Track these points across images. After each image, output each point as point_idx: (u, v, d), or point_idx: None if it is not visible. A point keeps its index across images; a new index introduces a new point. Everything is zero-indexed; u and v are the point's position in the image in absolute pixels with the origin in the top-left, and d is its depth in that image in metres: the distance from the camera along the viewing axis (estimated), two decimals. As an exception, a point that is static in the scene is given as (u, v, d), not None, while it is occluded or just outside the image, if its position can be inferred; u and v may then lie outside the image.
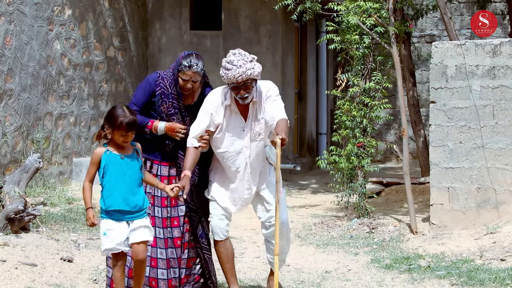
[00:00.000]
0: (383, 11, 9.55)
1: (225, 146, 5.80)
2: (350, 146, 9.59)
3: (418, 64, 17.55)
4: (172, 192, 5.48)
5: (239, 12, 13.92)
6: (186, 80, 5.80)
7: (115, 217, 5.18)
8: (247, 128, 5.80)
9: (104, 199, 5.19)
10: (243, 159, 5.82)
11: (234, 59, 5.63)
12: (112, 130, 5.18)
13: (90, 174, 5.23)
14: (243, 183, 5.87)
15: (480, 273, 6.88)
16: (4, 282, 6.28)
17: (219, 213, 5.88)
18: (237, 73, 5.58)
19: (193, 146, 5.74)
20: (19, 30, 10.26)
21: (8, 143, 10.02)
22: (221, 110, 5.76)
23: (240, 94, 5.65)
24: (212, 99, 5.80)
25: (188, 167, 5.67)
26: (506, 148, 8.41)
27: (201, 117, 5.78)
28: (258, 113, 5.79)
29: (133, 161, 5.25)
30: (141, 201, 5.26)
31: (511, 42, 8.48)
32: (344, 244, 8.53)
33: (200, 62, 5.81)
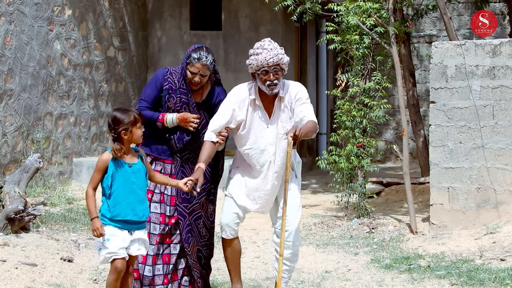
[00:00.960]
0: (383, 11, 9.56)
1: (249, 143, 5.69)
2: (350, 146, 9.59)
3: (418, 64, 17.55)
4: (186, 186, 5.34)
5: (239, 12, 13.93)
6: (194, 73, 5.70)
7: (119, 225, 5.06)
8: (271, 124, 5.68)
9: (110, 208, 5.04)
10: (267, 157, 5.70)
11: (264, 44, 5.57)
12: (130, 130, 5.03)
13: (94, 181, 5.06)
14: (265, 182, 5.74)
15: (480, 273, 6.89)
16: (4, 282, 6.28)
17: (232, 211, 5.76)
18: (268, 55, 5.50)
19: (211, 140, 5.60)
20: (19, 30, 10.27)
21: (8, 143, 10.03)
22: (244, 106, 5.64)
23: (270, 79, 5.54)
24: (236, 94, 5.69)
25: (203, 160, 5.53)
26: (506, 148, 8.41)
27: (222, 111, 5.65)
28: (284, 111, 5.67)
29: (139, 169, 5.12)
30: (147, 210, 5.18)
31: (511, 42, 8.48)
32: (344, 244, 8.53)
33: (210, 55, 5.71)
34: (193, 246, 5.86)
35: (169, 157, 5.84)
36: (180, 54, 13.93)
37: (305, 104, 5.66)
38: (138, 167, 5.10)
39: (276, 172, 5.72)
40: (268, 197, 5.78)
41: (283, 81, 5.68)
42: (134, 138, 5.06)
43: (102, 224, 4.98)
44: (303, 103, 5.66)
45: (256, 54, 5.55)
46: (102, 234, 4.96)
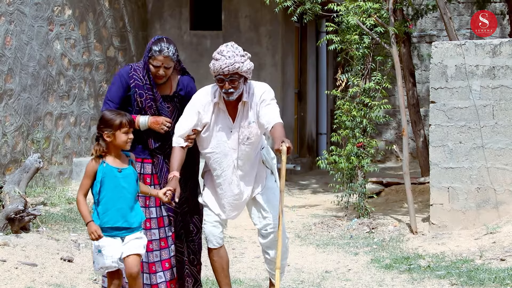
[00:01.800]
0: (383, 11, 9.56)
1: (211, 147, 5.53)
2: (350, 146, 9.59)
3: (418, 64, 17.55)
4: (165, 197, 5.17)
5: (239, 12, 13.92)
6: (157, 66, 5.47)
7: (109, 233, 4.89)
8: (234, 129, 5.50)
9: (99, 215, 4.89)
10: (230, 162, 5.52)
11: (224, 50, 5.36)
12: (113, 133, 4.91)
13: (84, 187, 4.92)
14: (231, 187, 5.55)
15: (480, 273, 6.89)
16: (4, 282, 6.28)
17: (213, 219, 5.59)
18: (224, 64, 5.31)
19: (180, 145, 5.44)
20: (19, 30, 10.27)
21: (8, 143, 10.02)
22: (209, 109, 5.47)
23: (225, 87, 5.35)
24: (201, 97, 5.51)
25: (175, 168, 5.37)
26: (506, 148, 8.41)
27: (187, 115, 5.49)
28: (247, 115, 5.48)
29: (130, 174, 4.98)
30: (139, 217, 5.01)
31: (511, 42, 8.48)
32: (344, 244, 8.53)
33: (171, 46, 5.50)
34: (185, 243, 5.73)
35: (148, 156, 5.62)
36: (181, 54, 13.91)
37: (269, 105, 5.45)
38: (128, 172, 4.96)
39: (243, 177, 5.54)
40: (237, 202, 5.60)
41: (249, 83, 5.50)
42: (117, 142, 4.92)
43: (98, 227, 4.84)
44: (268, 105, 5.45)
45: (214, 59, 5.37)
46: (101, 235, 4.83)
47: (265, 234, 5.64)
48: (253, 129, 5.48)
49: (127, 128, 4.92)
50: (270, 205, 5.61)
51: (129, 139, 4.95)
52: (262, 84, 5.59)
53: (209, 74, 5.33)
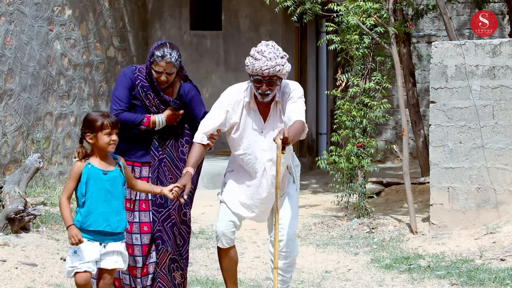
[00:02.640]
0: (383, 11, 9.56)
1: (243, 148, 5.32)
2: (350, 146, 9.60)
3: (418, 64, 17.55)
4: (171, 193, 5.02)
5: (239, 12, 13.93)
6: (159, 72, 5.33)
7: (90, 236, 4.71)
8: (266, 130, 5.29)
9: (82, 217, 4.71)
10: (261, 164, 5.31)
11: (265, 50, 5.14)
12: (95, 135, 4.73)
13: (68, 189, 4.74)
14: (260, 190, 5.35)
15: (480, 273, 6.89)
16: (4, 282, 6.28)
17: (228, 219, 5.38)
18: (264, 65, 5.10)
19: (202, 142, 5.26)
20: (19, 30, 10.27)
21: (8, 143, 10.03)
22: (238, 108, 5.27)
23: (262, 89, 5.16)
24: (230, 95, 5.31)
25: (191, 164, 5.20)
26: (506, 148, 8.41)
27: (215, 113, 5.28)
28: (280, 115, 5.29)
29: (116, 177, 4.79)
30: (123, 222, 4.82)
31: (511, 42, 8.48)
32: (344, 244, 8.53)
33: (174, 52, 5.36)
34: (163, 254, 5.46)
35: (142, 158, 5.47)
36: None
37: (295, 102, 5.27)
38: (114, 174, 4.78)
39: (273, 180, 5.33)
40: (264, 206, 5.42)
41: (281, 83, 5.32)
42: (100, 144, 4.74)
43: (79, 230, 4.65)
44: (294, 102, 5.26)
45: (254, 58, 5.17)
46: (81, 240, 4.64)
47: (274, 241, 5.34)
48: None
49: (109, 129, 4.73)
50: (285, 213, 5.39)
51: (112, 141, 4.75)
52: (293, 83, 5.39)
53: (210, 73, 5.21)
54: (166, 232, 5.45)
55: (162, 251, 5.44)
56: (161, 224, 5.43)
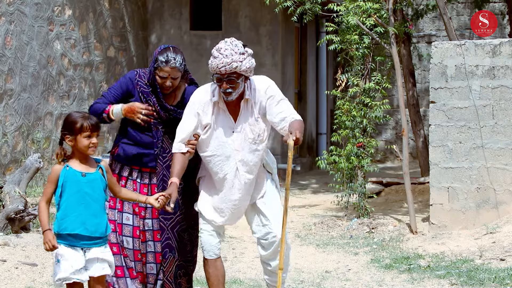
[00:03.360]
0: (383, 12, 9.56)
1: (212, 149, 5.13)
2: (350, 146, 9.60)
3: (417, 64, 17.55)
4: (157, 202, 4.85)
5: (239, 12, 13.93)
6: (164, 77, 5.17)
7: (69, 242, 4.51)
8: (237, 129, 5.11)
9: (58, 221, 4.52)
10: (233, 164, 5.13)
11: (222, 47, 5.01)
12: (74, 137, 4.55)
13: (46, 193, 4.56)
14: (233, 191, 5.17)
15: (480, 273, 6.89)
16: (5, 282, 6.29)
17: (210, 228, 5.20)
18: (221, 63, 4.93)
19: (180, 151, 5.08)
20: (19, 30, 10.28)
21: (9, 143, 10.03)
22: (208, 109, 5.09)
23: (223, 87, 4.97)
24: (199, 97, 5.13)
25: (175, 174, 5.01)
26: (505, 148, 8.42)
27: (187, 118, 5.12)
28: (252, 113, 5.12)
29: (96, 179, 4.59)
30: (103, 227, 4.60)
31: (510, 42, 8.49)
32: (344, 244, 8.53)
33: (178, 56, 5.19)
34: (171, 262, 5.33)
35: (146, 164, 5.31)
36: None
37: (282, 101, 5.12)
38: (94, 177, 4.58)
39: (246, 180, 5.16)
40: (237, 208, 5.21)
41: (250, 79, 5.14)
42: (79, 147, 4.55)
43: (54, 236, 4.46)
44: (280, 101, 5.11)
45: (213, 56, 5.01)
46: (56, 246, 4.45)
47: (265, 244, 5.25)
48: (262, 125, 5.15)
49: (88, 132, 4.54)
50: (271, 212, 5.23)
51: (91, 144, 4.55)
52: (263, 78, 5.24)
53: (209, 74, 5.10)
54: (176, 239, 5.32)
55: (170, 259, 5.32)
56: (170, 231, 5.30)
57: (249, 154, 5.14)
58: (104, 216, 4.63)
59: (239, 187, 5.17)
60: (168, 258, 5.31)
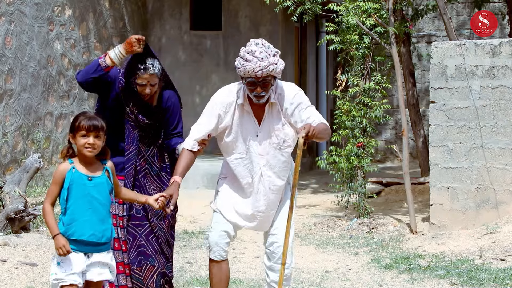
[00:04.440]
0: (383, 12, 9.57)
1: (240, 152, 5.01)
2: (350, 146, 9.60)
3: (417, 64, 17.55)
4: (156, 203, 4.74)
5: (239, 12, 13.93)
6: (143, 85, 5.04)
7: (73, 246, 4.39)
8: (261, 133, 4.98)
9: (65, 226, 4.40)
10: (257, 169, 5.01)
11: (256, 50, 4.81)
12: (73, 136, 4.46)
13: (51, 194, 4.43)
14: (258, 197, 5.04)
15: (480, 273, 6.89)
16: (5, 282, 6.29)
17: (221, 228, 5.06)
18: (257, 67, 4.77)
19: (192, 149, 4.96)
20: (19, 30, 10.28)
21: (9, 143, 10.03)
22: (230, 110, 4.97)
23: (257, 91, 4.84)
24: (222, 98, 5.00)
25: (179, 172, 4.89)
26: (505, 148, 8.42)
27: (206, 117, 4.99)
28: (277, 117, 4.98)
29: (102, 183, 4.48)
30: (109, 232, 4.51)
31: (510, 42, 8.49)
32: (344, 244, 8.54)
33: (156, 62, 5.07)
34: (149, 270, 5.17)
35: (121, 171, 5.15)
36: (181, 55, 13.93)
37: (309, 108, 4.98)
38: (100, 181, 4.47)
39: (271, 186, 5.04)
40: (263, 214, 5.09)
41: (276, 82, 5.00)
42: (77, 146, 4.46)
43: (67, 241, 4.36)
44: (307, 107, 4.98)
45: (245, 59, 4.83)
46: (69, 251, 4.35)
47: (269, 253, 5.12)
48: (287, 130, 5.01)
49: (84, 131, 4.41)
50: (281, 223, 5.09)
51: (87, 144, 4.41)
52: (291, 85, 5.09)
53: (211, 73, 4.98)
54: (152, 246, 5.17)
55: (147, 267, 5.16)
56: (145, 239, 5.14)
57: (273, 159, 5.02)
58: (109, 220, 4.52)
59: (264, 193, 5.03)
60: (144, 266, 5.15)
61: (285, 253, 4.88)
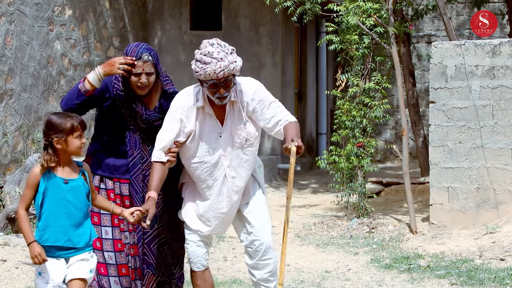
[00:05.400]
0: (382, 12, 9.57)
1: (200, 155, 4.82)
2: (349, 146, 9.61)
3: (417, 64, 17.56)
4: (131, 217, 4.53)
5: (239, 12, 13.94)
6: (139, 73, 4.80)
7: (50, 253, 4.21)
8: (224, 133, 4.82)
9: (39, 232, 4.21)
10: (221, 171, 4.85)
11: (213, 51, 4.63)
12: (65, 139, 4.25)
13: (25, 199, 4.22)
14: (220, 199, 4.89)
15: (480, 272, 6.90)
16: (5, 281, 6.29)
17: (196, 238, 4.91)
18: (218, 68, 4.59)
19: (161, 161, 4.75)
20: (19, 30, 10.28)
21: (9, 143, 10.04)
22: (192, 114, 4.78)
23: (220, 93, 4.66)
24: (181, 102, 4.80)
25: (153, 187, 4.69)
26: (505, 148, 8.42)
27: (168, 125, 4.79)
28: (239, 116, 4.83)
29: (78, 186, 4.28)
30: (87, 236, 4.31)
31: (510, 42, 8.49)
32: (344, 244, 8.54)
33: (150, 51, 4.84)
34: (150, 279, 5.00)
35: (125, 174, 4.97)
36: (181, 55, 13.94)
37: (272, 104, 4.83)
38: (77, 184, 4.28)
39: (233, 187, 4.88)
40: (225, 216, 4.94)
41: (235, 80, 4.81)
42: (70, 149, 4.26)
43: (42, 249, 4.16)
44: (270, 104, 4.83)
45: (203, 62, 4.62)
46: (45, 259, 4.16)
47: (251, 251, 4.98)
48: (250, 129, 4.87)
49: (80, 131, 4.30)
50: (257, 219, 4.97)
51: (82, 144, 4.31)
52: (250, 80, 4.92)
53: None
54: (153, 254, 5.01)
55: (148, 275, 5.00)
56: (146, 246, 4.99)
57: (236, 159, 4.86)
58: (87, 223, 4.33)
59: (227, 194, 4.89)
60: (146, 274, 5.00)
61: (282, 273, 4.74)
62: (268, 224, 5.01)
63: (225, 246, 8.23)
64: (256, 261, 4.97)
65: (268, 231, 4.98)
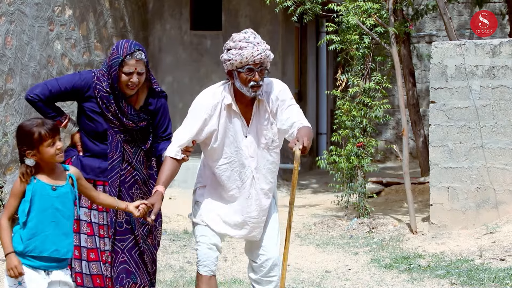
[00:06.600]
0: (383, 12, 9.57)
1: (227, 156, 4.68)
2: (350, 146, 9.61)
3: (417, 64, 17.56)
4: (137, 211, 4.37)
5: (239, 12, 13.94)
6: (130, 72, 4.64)
7: (31, 263, 4.00)
8: (250, 134, 4.68)
9: (23, 240, 4.00)
10: (249, 172, 4.70)
11: (248, 36, 4.63)
12: (37, 150, 3.99)
13: (10, 208, 4.02)
14: (249, 202, 4.72)
15: (480, 272, 6.90)
16: (5, 281, 6.29)
17: (210, 241, 4.70)
18: (255, 51, 4.54)
19: (176, 157, 4.63)
20: (19, 30, 10.28)
21: (9, 143, 10.04)
22: (215, 113, 4.64)
23: (255, 79, 4.53)
24: (206, 100, 4.66)
25: (162, 181, 4.57)
26: (505, 148, 8.42)
27: (190, 123, 4.65)
28: (265, 116, 4.69)
29: (66, 193, 4.06)
30: (72, 246, 4.14)
31: (510, 42, 8.49)
32: (344, 243, 8.54)
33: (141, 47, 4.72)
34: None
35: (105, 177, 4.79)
36: (181, 54, 13.93)
37: (291, 106, 4.69)
38: (65, 190, 4.05)
39: (262, 190, 4.73)
40: (256, 220, 4.76)
41: None
42: (45, 158, 4.00)
43: (20, 261, 3.95)
44: (290, 106, 4.69)
45: (239, 48, 4.58)
46: (21, 273, 3.93)
47: (255, 266, 4.82)
48: (276, 129, 4.71)
49: (50, 139, 4.01)
50: (270, 235, 4.82)
51: (57, 150, 4.03)
52: (276, 81, 4.80)
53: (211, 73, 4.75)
54: (134, 261, 4.81)
55: (129, 285, 4.77)
56: (127, 254, 4.79)
57: (262, 161, 4.72)
58: (72, 234, 4.14)
59: (256, 197, 4.72)
60: (126, 284, 4.76)
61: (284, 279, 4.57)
62: (277, 241, 4.85)
63: (225, 246, 8.23)
64: (260, 277, 4.83)
65: (276, 248, 4.81)
